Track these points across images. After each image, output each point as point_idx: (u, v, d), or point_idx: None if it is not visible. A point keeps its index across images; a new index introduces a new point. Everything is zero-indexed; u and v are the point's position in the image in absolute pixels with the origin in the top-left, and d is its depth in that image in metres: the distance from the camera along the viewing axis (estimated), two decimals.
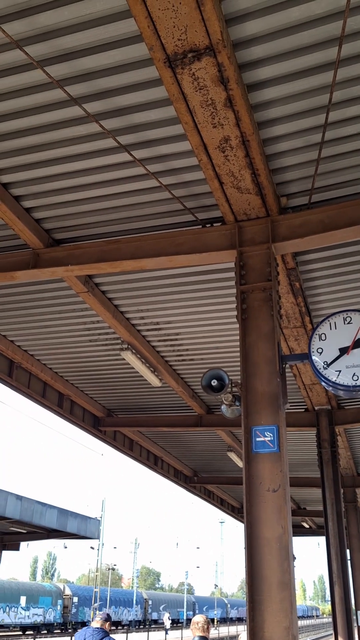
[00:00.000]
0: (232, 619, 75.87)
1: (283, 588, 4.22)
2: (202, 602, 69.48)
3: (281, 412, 4.81)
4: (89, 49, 4.31)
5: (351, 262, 6.81)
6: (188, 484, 18.56)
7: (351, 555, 17.32)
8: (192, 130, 4.56)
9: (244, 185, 5.15)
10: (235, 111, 4.34)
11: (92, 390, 11.68)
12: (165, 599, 62.93)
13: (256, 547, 4.38)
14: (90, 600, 46.95)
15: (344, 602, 10.10)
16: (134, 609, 54.20)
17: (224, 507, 23.19)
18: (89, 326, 8.80)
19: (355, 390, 4.69)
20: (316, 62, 4.33)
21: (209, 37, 3.74)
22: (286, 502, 4.46)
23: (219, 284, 7.33)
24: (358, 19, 4.01)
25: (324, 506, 10.71)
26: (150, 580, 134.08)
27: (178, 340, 9.11)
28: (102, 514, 50.05)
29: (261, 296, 5.30)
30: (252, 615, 4.22)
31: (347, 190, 5.67)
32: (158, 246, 6.03)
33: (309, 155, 5.23)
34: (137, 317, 8.40)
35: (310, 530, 27.45)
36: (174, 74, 4.03)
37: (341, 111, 4.77)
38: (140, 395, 11.71)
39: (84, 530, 18.99)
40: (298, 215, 5.60)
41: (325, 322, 5.03)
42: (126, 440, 14.34)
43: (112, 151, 5.29)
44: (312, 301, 7.68)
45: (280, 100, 4.67)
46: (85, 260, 6.29)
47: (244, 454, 4.72)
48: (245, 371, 5.05)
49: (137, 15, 3.65)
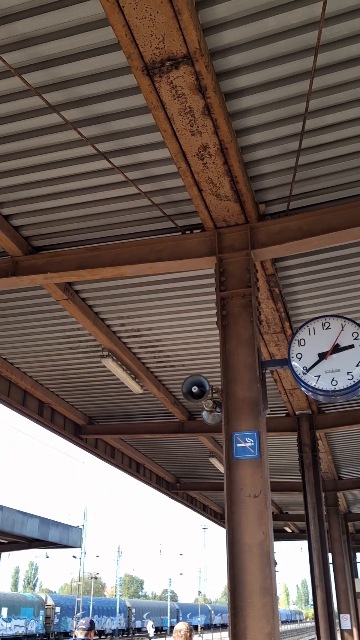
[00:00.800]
0: (216, 625, 75.66)
1: (265, 594, 4.23)
2: (186, 609, 69.19)
3: (261, 418, 4.83)
4: (67, 57, 4.31)
5: (329, 268, 6.88)
6: (170, 491, 18.51)
7: (333, 559, 17.40)
8: (170, 138, 4.58)
9: (222, 193, 5.19)
10: (214, 119, 4.37)
11: (73, 398, 11.61)
12: (148, 607, 62.56)
13: (238, 553, 4.39)
14: (72, 610, 46.47)
15: (326, 605, 10.15)
16: (117, 617, 53.75)
17: (207, 513, 23.17)
18: (69, 333, 8.76)
19: (334, 394, 4.74)
20: (293, 71, 4.39)
21: (187, 45, 3.77)
22: (267, 507, 4.47)
23: (199, 290, 7.35)
24: (333, 29, 4.08)
25: (306, 510, 10.77)
26: (133, 588, 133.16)
27: (159, 347, 9.11)
28: (84, 523, 49.65)
29: (241, 302, 5.33)
30: (234, 621, 4.22)
31: (325, 197, 5.74)
32: (138, 253, 6.04)
33: (286, 162, 5.29)
34: (118, 324, 8.38)
35: (293, 534, 27.56)
36: (152, 82, 4.05)
37: (318, 119, 4.83)
38: (121, 402, 11.67)
39: (66, 539, 18.83)
40: (276, 222, 5.65)
41: (305, 327, 5.08)
42: (108, 448, 14.26)
43: (91, 158, 5.29)
44: (291, 307, 7.74)
45: (257, 108, 4.72)
46: (64, 268, 6.26)
47: (225, 460, 4.73)
48: (225, 377, 5.07)
49: (114, 24, 3.67)
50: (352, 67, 4.36)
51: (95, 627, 7.07)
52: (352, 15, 4.00)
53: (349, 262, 6.76)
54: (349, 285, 7.22)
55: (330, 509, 17.64)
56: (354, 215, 5.39)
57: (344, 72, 4.40)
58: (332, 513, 17.77)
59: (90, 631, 6.70)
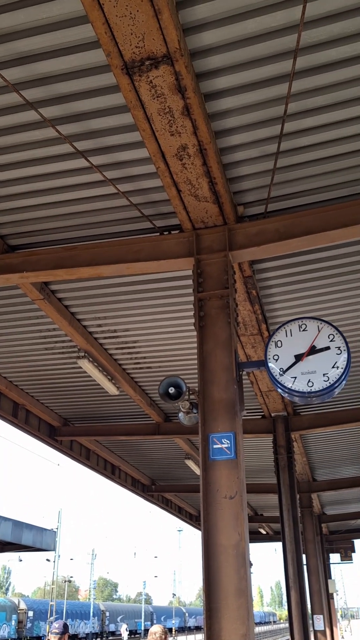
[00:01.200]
0: (190, 627, 75.58)
1: (240, 595, 4.22)
2: (160, 611, 69.00)
3: (238, 419, 4.83)
4: (46, 53, 4.26)
5: (306, 271, 6.93)
6: (146, 493, 18.45)
7: (307, 561, 17.51)
8: (149, 138, 4.57)
9: (201, 194, 5.18)
10: (193, 120, 4.37)
11: (48, 399, 11.49)
12: (122, 610, 62.22)
13: (213, 555, 4.38)
14: (46, 614, 45.96)
15: (300, 606, 10.20)
16: (90, 621, 53.34)
17: (182, 515, 23.15)
18: (45, 334, 8.67)
19: (310, 396, 4.76)
20: (272, 74, 4.41)
21: (167, 45, 3.76)
22: (243, 509, 4.47)
23: (177, 291, 7.34)
24: (312, 33, 4.11)
25: (281, 512, 10.82)
26: (107, 592, 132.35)
27: (136, 348, 9.07)
28: (58, 525, 49.13)
29: (218, 304, 5.33)
30: (209, 623, 4.21)
31: (302, 200, 5.78)
32: (116, 253, 6.00)
33: (265, 165, 5.31)
34: (95, 324, 8.32)
35: (268, 536, 27.70)
36: (131, 81, 4.03)
37: (296, 122, 4.86)
38: (97, 403, 11.59)
39: (40, 542, 18.64)
40: (254, 224, 5.67)
41: (281, 329, 5.10)
42: (83, 450, 14.16)
43: (69, 157, 5.24)
44: (268, 309, 7.78)
45: (236, 110, 4.73)
46: (41, 267, 6.19)
47: (201, 461, 4.72)
48: (202, 378, 5.06)
49: (94, 21, 3.64)
50: (331, 71, 4.40)
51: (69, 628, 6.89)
52: (331, 19, 4.04)
53: (326, 265, 6.82)
54: (325, 287, 7.29)
55: (305, 510, 17.77)
56: (331, 218, 5.44)
57: (322, 76, 4.44)
58: (307, 514, 17.90)
59: (64, 635, 6.50)
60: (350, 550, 27.79)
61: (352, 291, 7.38)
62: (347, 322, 8.11)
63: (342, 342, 4.85)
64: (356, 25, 4.06)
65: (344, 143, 5.11)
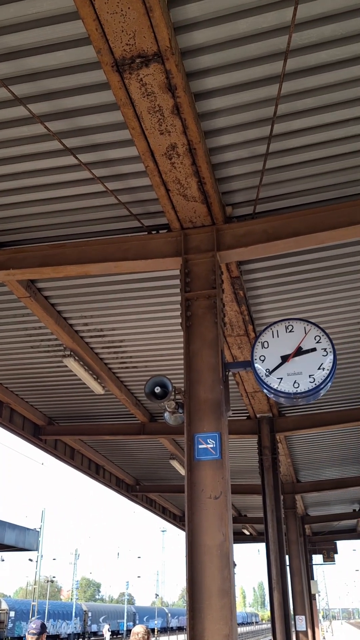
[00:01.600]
0: (172, 628, 75.55)
1: (223, 595, 4.22)
2: (143, 612, 68.87)
3: (223, 420, 4.83)
4: (35, 49, 4.23)
5: (293, 272, 6.95)
6: (130, 493, 18.40)
7: (290, 562, 17.59)
8: (139, 136, 4.55)
9: (190, 193, 5.18)
10: (183, 119, 4.36)
11: (33, 398, 11.41)
12: (105, 610, 62.01)
13: (197, 555, 4.37)
14: (27, 614, 45.66)
15: (282, 607, 10.23)
16: (72, 621, 53.09)
17: (166, 516, 23.13)
18: (31, 332, 8.61)
19: (295, 397, 4.77)
20: (262, 75, 4.41)
21: (157, 43, 3.75)
22: (227, 509, 4.47)
23: (164, 291, 7.33)
24: (303, 35, 4.12)
25: (264, 513, 10.85)
26: (90, 592, 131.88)
27: (122, 348, 9.04)
28: (41, 525, 48.85)
29: (205, 304, 5.32)
30: (192, 623, 4.20)
31: (291, 201, 5.80)
32: (103, 252, 5.97)
33: (254, 165, 5.32)
34: (81, 323, 8.28)
35: (251, 537, 27.77)
36: (121, 78, 4.01)
37: (286, 124, 4.87)
38: (82, 403, 11.54)
39: (22, 542, 18.52)
40: (243, 225, 5.67)
41: (268, 330, 5.11)
42: (67, 449, 14.08)
43: (57, 154, 5.21)
44: (255, 310, 7.79)
45: (226, 110, 4.73)
46: (27, 265, 6.14)
47: (186, 461, 4.71)
48: (188, 378, 5.05)
49: (85, 18, 3.62)
50: (321, 74, 4.41)
51: (47, 630, 6.78)
52: (322, 22, 4.05)
53: (313, 267, 6.85)
54: (313, 289, 7.31)
55: (289, 511, 17.84)
56: (319, 220, 5.46)
57: (312, 78, 4.45)
58: (290, 515, 17.97)
59: (42, 635, 6.38)
60: (333, 552, 27.98)
61: (339, 293, 7.42)
62: (334, 324, 8.15)
63: (329, 344, 4.86)
64: (347, 28, 4.08)
65: (333, 145, 5.13)
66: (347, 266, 6.83)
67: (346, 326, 8.28)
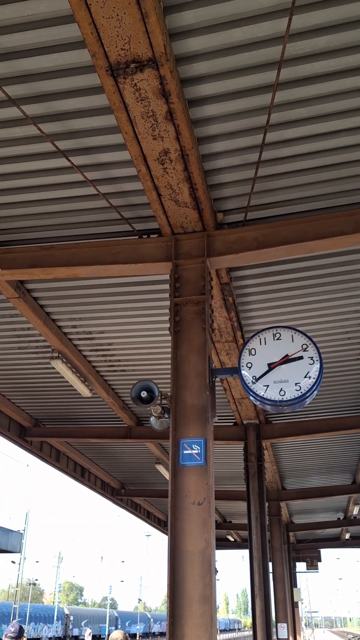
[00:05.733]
0: (154, 633, 75.20)
1: (204, 602, 4.21)
2: (125, 617, 68.49)
3: (209, 425, 4.84)
4: (30, 51, 4.23)
5: (283, 280, 6.98)
6: (115, 497, 18.33)
7: (273, 569, 17.59)
8: (132, 141, 4.56)
9: (181, 199, 5.19)
10: (176, 125, 4.37)
11: (20, 399, 11.36)
12: (87, 614, 61.62)
13: (179, 560, 4.36)
14: (8, 616, 45.26)
15: (264, 614, 10.23)
16: (54, 625, 52.71)
17: (151, 520, 23.06)
18: (19, 333, 8.57)
19: (281, 405, 4.79)
20: (256, 83, 4.44)
21: (152, 49, 3.76)
22: (211, 515, 4.47)
23: (153, 295, 7.33)
24: (297, 45, 4.15)
25: (249, 519, 10.85)
26: (73, 595, 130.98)
27: (110, 351, 9.02)
28: (25, 527, 48.56)
29: (194, 309, 5.33)
30: (172, 629, 4.19)
31: (281, 210, 5.83)
32: (93, 254, 5.97)
33: (246, 173, 5.34)
34: (69, 325, 8.26)
35: (235, 543, 27.73)
36: (115, 83, 4.02)
37: (278, 133, 4.90)
38: (69, 405, 11.50)
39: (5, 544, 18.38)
40: (233, 232, 5.69)
41: (256, 337, 5.12)
42: (53, 451, 14.02)
43: (49, 155, 5.20)
44: (244, 316, 7.81)
45: (220, 117, 4.75)
46: (17, 265, 6.12)
47: (171, 467, 4.71)
48: (175, 383, 5.05)
49: (80, 21, 3.63)
50: (314, 84, 4.45)
51: (27, 634, 6.86)
52: (316, 33, 4.08)
53: (303, 275, 6.88)
54: (301, 297, 7.35)
55: (273, 518, 17.84)
56: (310, 229, 5.49)
57: (305, 89, 4.49)
58: (275, 523, 17.98)
59: (20, 638, 6.52)
60: (316, 560, 28.02)
61: (327, 302, 7.45)
62: (321, 333, 8.19)
63: (315, 353, 4.88)
64: (340, 40, 4.12)
65: (325, 156, 5.17)
66: (336, 275, 6.88)
67: (333, 335, 8.32)
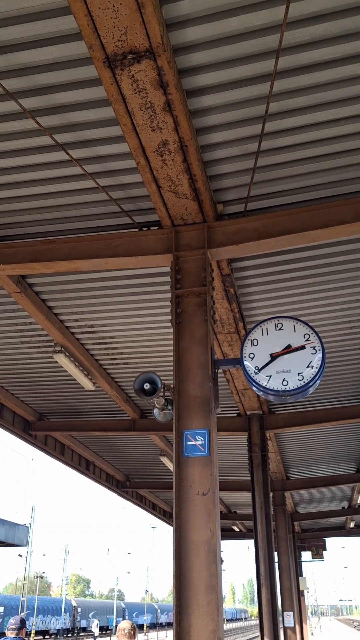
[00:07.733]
0: (162, 624, 75.76)
1: (210, 591, 4.24)
2: (132, 608, 69.00)
3: (212, 416, 4.85)
4: (26, 43, 4.21)
5: (284, 270, 6.97)
6: (120, 489, 18.41)
7: (279, 558, 17.68)
8: (130, 133, 4.54)
9: (181, 190, 5.18)
10: (174, 116, 4.36)
11: (24, 394, 11.39)
12: (94, 606, 62.07)
13: (185, 551, 4.39)
14: (17, 609, 45.61)
15: (270, 603, 10.29)
16: (62, 617, 53.11)
17: (156, 512, 23.16)
18: (21, 327, 8.59)
19: (284, 395, 4.79)
20: (254, 73, 4.41)
21: (149, 40, 3.74)
22: (215, 505, 4.49)
23: (155, 287, 7.33)
24: (295, 33, 4.12)
25: (254, 510, 10.89)
26: (80, 588, 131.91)
27: (112, 344, 9.04)
28: (31, 520, 48.81)
29: (196, 301, 5.33)
30: (178, 619, 4.22)
31: (282, 200, 5.81)
32: (94, 248, 5.96)
33: (245, 163, 5.32)
34: (71, 319, 8.26)
35: (241, 533, 27.88)
36: (113, 74, 4.00)
37: (277, 122, 4.88)
38: (73, 399, 11.53)
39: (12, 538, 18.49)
40: (234, 223, 5.68)
41: (258, 327, 5.12)
42: (57, 445, 14.07)
43: (48, 149, 5.19)
44: (246, 307, 7.81)
45: (218, 107, 4.73)
46: (18, 260, 6.12)
47: (175, 458, 4.72)
48: (178, 375, 5.06)
49: (76, 13, 3.60)
50: (313, 72, 4.42)
51: (30, 625, 7.12)
52: (314, 21, 4.05)
53: (304, 265, 6.87)
54: (303, 287, 7.34)
55: (278, 508, 17.91)
56: (310, 218, 5.48)
57: (304, 77, 4.46)
58: (279, 512, 18.05)
59: (22, 630, 6.70)
60: (322, 549, 28.17)
61: (328, 292, 7.45)
62: (323, 322, 8.18)
63: (317, 342, 4.89)
64: (338, 27, 4.09)
65: (325, 144, 5.14)
66: (338, 265, 6.86)
67: (336, 324, 8.32)
